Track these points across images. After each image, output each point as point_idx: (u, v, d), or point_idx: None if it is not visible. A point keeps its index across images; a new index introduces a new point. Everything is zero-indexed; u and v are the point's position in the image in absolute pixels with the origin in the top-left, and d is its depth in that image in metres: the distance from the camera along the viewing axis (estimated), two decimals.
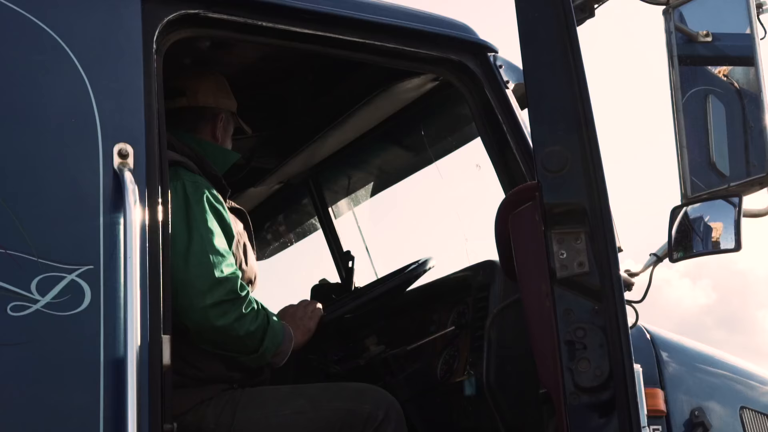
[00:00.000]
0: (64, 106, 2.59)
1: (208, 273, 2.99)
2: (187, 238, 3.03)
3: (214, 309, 2.99)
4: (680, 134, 2.85)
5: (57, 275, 2.46)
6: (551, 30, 2.13)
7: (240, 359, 3.15)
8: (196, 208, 3.09)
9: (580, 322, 2.02)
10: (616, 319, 2.01)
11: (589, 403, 2.00)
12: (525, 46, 2.15)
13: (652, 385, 3.41)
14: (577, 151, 2.06)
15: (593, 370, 2.01)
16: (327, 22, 3.11)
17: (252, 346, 3.12)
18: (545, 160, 2.05)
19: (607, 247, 2.03)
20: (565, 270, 2.05)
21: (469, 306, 3.54)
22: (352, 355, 3.83)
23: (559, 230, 2.05)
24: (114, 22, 2.72)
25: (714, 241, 2.88)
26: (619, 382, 1.98)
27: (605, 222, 2.04)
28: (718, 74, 2.96)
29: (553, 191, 2.06)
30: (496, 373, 3.18)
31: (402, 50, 3.25)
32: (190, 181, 3.15)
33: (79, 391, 2.44)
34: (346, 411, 3.12)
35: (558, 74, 2.12)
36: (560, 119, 2.10)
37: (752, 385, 3.95)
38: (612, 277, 2.03)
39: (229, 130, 3.58)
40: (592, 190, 2.06)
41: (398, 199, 4.90)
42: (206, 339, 3.05)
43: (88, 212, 2.54)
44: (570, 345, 2.02)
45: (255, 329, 3.09)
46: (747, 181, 2.76)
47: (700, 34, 2.97)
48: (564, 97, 2.10)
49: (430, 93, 3.80)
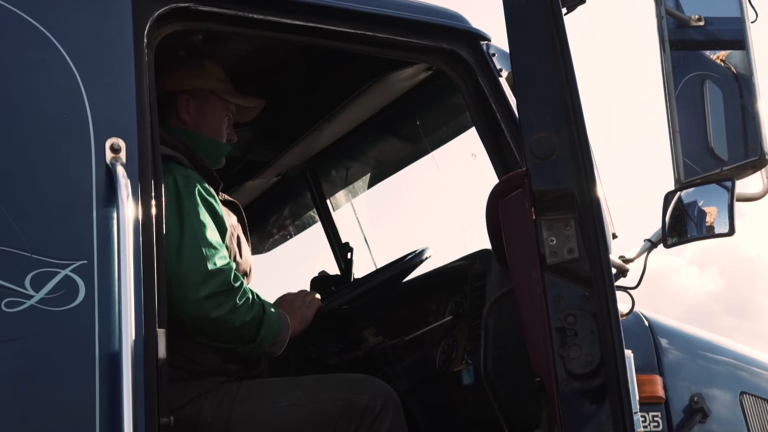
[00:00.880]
0: (56, 101, 2.59)
1: (200, 265, 2.99)
2: (180, 231, 3.03)
3: (208, 301, 2.99)
4: (673, 119, 2.84)
5: (51, 270, 2.46)
6: (538, 17, 2.13)
7: (237, 350, 3.15)
8: (187, 201, 3.09)
9: (571, 309, 2.02)
10: (607, 305, 2.01)
11: (581, 389, 2.00)
12: (512, 34, 2.15)
13: (651, 371, 3.41)
14: (565, 137, 2.06)
15: (584, 356, 2.01)
16: (318, 13, 3.10)
17: (248, 337, 3.12)
18: (533, 147, 2.05)
19: (596, 233, 2.03)
20: (555, 256, 2.05)
21: (467, 295, 3.54)
22: (351, 347, 3.84)
23: (549, 217, 2.05)
24: (104, 16, 2.72)
25: (708, 226, 2.87)
26: (611, 368, 1.98)
27: (594, 208, 2.05)
28: (715, 59, 2.95)
29: (542, 178, 2.06)
30: (494, 362, 3.18)
31: (394, 40, 3.25)
32: (181, 175, 3.14)
33: (75, 386, 2.44)
34: (344, 402, 3.11)
35: (545, 61, 2.11)
36: (548, 106, 2.10)
37: (752, 371, 3.95)
38: (602, 263, 2.03)
39: (207, 110, 3.48)
40: (581, 175, 2.06)
41: (396, 189, 4.91)
42: (202, 331, 3.06)
43: (81, 207, 2.54)
44: (561, 332, 2.02)
45: (250, 319, 3.10)
46: (740, 164, 2.75)
47: (692, 18, 2.95)
48: (551, 83, 2.10)
49: (424, 82, 3.79)
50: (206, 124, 3.47)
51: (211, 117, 3.49)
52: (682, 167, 2.81)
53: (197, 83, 3.48)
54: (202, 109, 3.48)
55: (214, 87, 3.50)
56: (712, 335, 3.99)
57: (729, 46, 2.88)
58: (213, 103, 3.49)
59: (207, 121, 3.47)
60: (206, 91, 3.49)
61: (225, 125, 3.52)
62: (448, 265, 3.80)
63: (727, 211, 2.81)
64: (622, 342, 2.00)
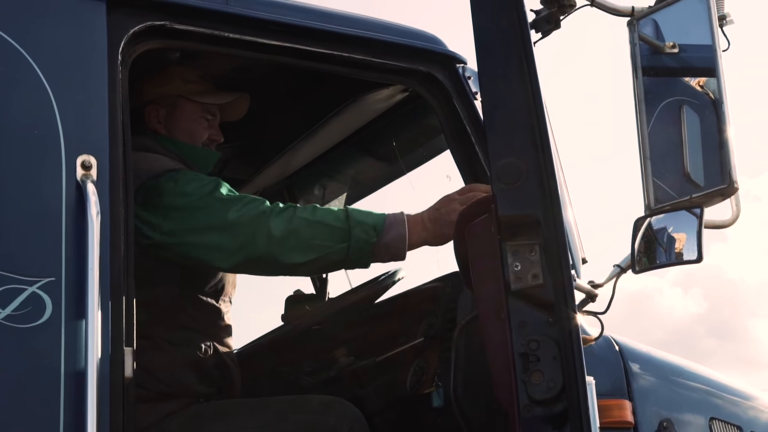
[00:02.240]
0: (28, 117, 2.58)
1: (233, 238, 2.99)
2: (195, 218, 3.02)
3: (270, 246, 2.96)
4: (644, 145, 2.86)
5: (17, 287, 2.45)
6: (507, 43, 2.14)
7: (341, 262, 3.02)
8: (188, 187, 3.09)
9: (534, 335, 2.02)
10: (569, 331, 2.02)
11: (542, 415, 2.01)
12: (481, 60, 2.16)
13: (620, 396, 3.41)
14: (532, 162, 2.07)
15: (546, 382, 2.01)
16: (294, 34, 3.11)
17: (331, 236, 2.97)
18: (500, 173, 2.05)
19: (560, 260, 2.04)
20: (519, 282, 2.05)
21: (438, 317, 3.54)
22: (323, 367, 3.83)
23: (514, 242, 2.06)
24: (78, 33, 2.71)
25: (677, 252, 2.88)
26: (572, 395, 1.98)
27: (559, 234, 2.05)
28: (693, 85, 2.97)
29: (508, 203, 2.07)
30: (464, 385, 3.18)
31: (370, 62, 3.25)
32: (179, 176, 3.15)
33: (39, 405, 2.42)
34: (311, 424, 3.09)
35: (513, 87, 2.12)
36: (515, 132, 2.11)
37: (723, 397, 3.95)
38: (565, 289, 2.03)
39: (177, 114, 3.44)
40: (546, 202, 2.06)
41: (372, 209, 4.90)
42: (295, 260, 2.98)
43: (50, 224, 2.53)
44: (524, 357, 2.03)
45: (319, 218, 2.99)
46: (708, 192, 2.77)
47: (666, 45, 2.98)
48: (519, 109, 2.11)
49: (401, 104, 3.80)
50: (180, 128, 3.44)
51: (184, 120, 3.45)
52: (652, 193, 2.82)
53: (160, 91, 3.45)
54: (173, 114, 3.45)
55: (179, 90, 3.46)
56: (685, 360, 4.00)
57: (700, 73, 2.90)
58: (182, 107, 3.46)
59: (180, 126, 3.44)
60: (173, 97, 3.46)
61: (201, 126, 3.48)
62: (421, 287, 3.80)
63: (695, 237, 2.82)
64: (584, 368, 2.00)
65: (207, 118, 3.50)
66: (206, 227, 3.01)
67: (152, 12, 2.89)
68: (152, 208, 3.06)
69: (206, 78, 3.55)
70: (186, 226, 3.02)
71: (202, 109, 3.49)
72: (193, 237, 3.02)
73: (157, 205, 3.06)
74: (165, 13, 2.91)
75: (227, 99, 3.55)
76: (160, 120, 3.43)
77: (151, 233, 3.03)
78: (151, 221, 3.04)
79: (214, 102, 3.52)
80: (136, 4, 2.85)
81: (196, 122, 3.47)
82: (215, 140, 3.53)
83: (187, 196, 3.07)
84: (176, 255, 3.06)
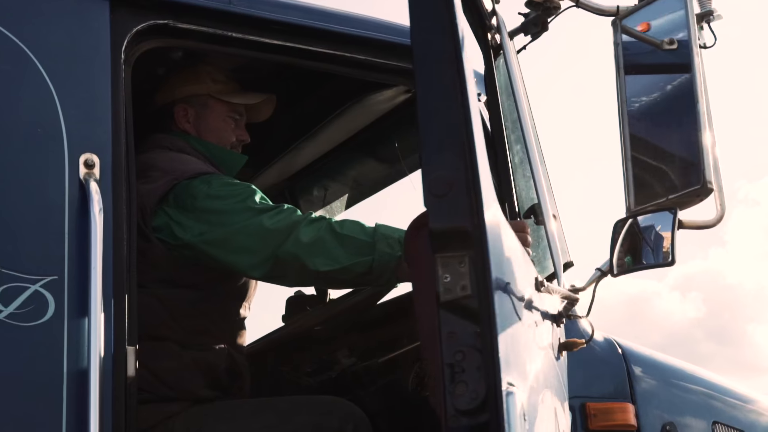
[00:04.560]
0: (31, 115, 2.58)
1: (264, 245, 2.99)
2: (227, 222, 3.02)
3: (302, 257, 2.95)
4: (625, 146, 2.84)
5: (20, 285, 2.44)
6: (440, 56, 2.13)
7: (365, 275, 2.99)
8: (222, 191, 3.09)
9: (461, 345, 2.02)
10: (491, 341, 2.01)
11: (468, 425, 2.00)
12: (417, 70, 2.14)
13: (623, 399, 3.42)
14: (462, 175, 2.06)
15: (470, 393, 2.00)
16: (297, 33, 3.10)
17: (364, 245, 2.97)
18: (432, 185, 2.05)
19: (485, 270, 2.03)
20: (449, 293, 2.04)
21: None
22: (325, 368, 3.83)
23: (444, 254, 2.05)
24: (82, 32, 2.71)
25: (654, 255, 2.84)
26: (492, 406, 1.98)
27: (484, 246, 2.05)
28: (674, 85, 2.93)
29: (439, 216, 2.06)
30: None
31: (373, 62, 3.24)
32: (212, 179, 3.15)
33: (42, 403, 2.41)
34: (314, 425, 3.08)
35: (447, 98, 2.10)
36: (447, 144, 2.10)
37: (725, 401, 3.96)
38: (489, 300, 2.03)
39: (206, 114, 3.44)
40: (474, 214, 2.06)
41: (374, 210, 4.90)
42: (321, 267, 2.97)
43: (53, 222, 2.52)
44: (450, 367, 2.02)
45: (347, 231, 2.99)
46: (684, 193, 2.74)
47: (664, 41, 2.94)
48: (451, 121, 2.10)
49: (403, 105, 3.79)
50: (209, 128, 3.44)
51: (213, 120, 3.45)
52: (632, 195, 2.80)
53: (191, 89, 3.44)
54: (202, 114, 3.44)
55: (209, 90, 3.46)
56: (687, 364, 4.00)
57: (679, 71, 2.86)
58: (212, 107, 3.46)
59: (209, 126, 3.44)
60: (203, 96, 3.45)
61: (229, 126, 3.48)
62: None
63: (670, 240, 2.78)
64: (501, 379, 2.00)
65: (235, 119, 3.50)
66: (237, 231, 3.01)
67: (155, 11, 2.89)
68: (184, 209, 3.05)
69: (232, 78, 3.54)
70: (218, 229, 3.02)
71: (230, 109, 3.48)
72: (224, 240, 3.01)
73: (189, 207, 3.05)
74: (168, 12, 2.90)
75: (256, 100, 3.55)
76: (189, 119, 3.42)
77: (182, 234, 3.02)
78: (182, 222, 3.03)
79: (243, 102, 3.52)
80: (140, 3, 2.85)
81: (225, 122, 3.47)
82: (243, 140, 3.53)
83: (220, 200, 3.06)
84: (205, 256, 3.05)
